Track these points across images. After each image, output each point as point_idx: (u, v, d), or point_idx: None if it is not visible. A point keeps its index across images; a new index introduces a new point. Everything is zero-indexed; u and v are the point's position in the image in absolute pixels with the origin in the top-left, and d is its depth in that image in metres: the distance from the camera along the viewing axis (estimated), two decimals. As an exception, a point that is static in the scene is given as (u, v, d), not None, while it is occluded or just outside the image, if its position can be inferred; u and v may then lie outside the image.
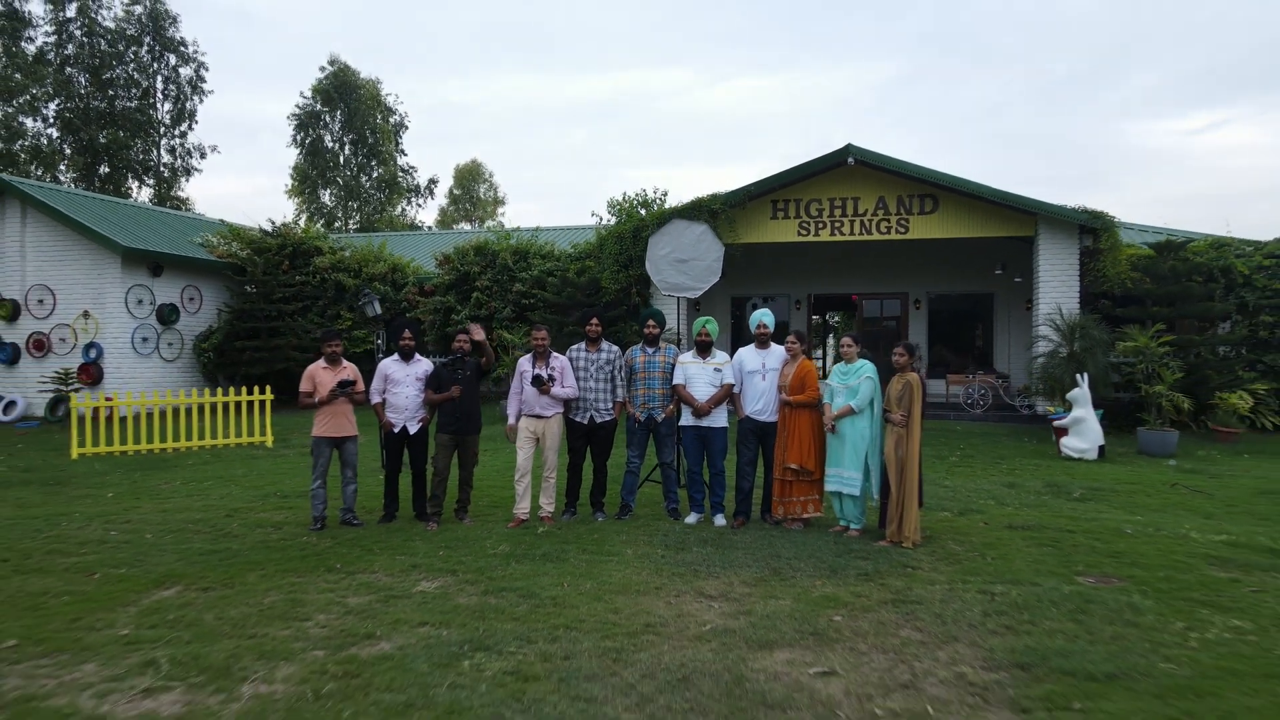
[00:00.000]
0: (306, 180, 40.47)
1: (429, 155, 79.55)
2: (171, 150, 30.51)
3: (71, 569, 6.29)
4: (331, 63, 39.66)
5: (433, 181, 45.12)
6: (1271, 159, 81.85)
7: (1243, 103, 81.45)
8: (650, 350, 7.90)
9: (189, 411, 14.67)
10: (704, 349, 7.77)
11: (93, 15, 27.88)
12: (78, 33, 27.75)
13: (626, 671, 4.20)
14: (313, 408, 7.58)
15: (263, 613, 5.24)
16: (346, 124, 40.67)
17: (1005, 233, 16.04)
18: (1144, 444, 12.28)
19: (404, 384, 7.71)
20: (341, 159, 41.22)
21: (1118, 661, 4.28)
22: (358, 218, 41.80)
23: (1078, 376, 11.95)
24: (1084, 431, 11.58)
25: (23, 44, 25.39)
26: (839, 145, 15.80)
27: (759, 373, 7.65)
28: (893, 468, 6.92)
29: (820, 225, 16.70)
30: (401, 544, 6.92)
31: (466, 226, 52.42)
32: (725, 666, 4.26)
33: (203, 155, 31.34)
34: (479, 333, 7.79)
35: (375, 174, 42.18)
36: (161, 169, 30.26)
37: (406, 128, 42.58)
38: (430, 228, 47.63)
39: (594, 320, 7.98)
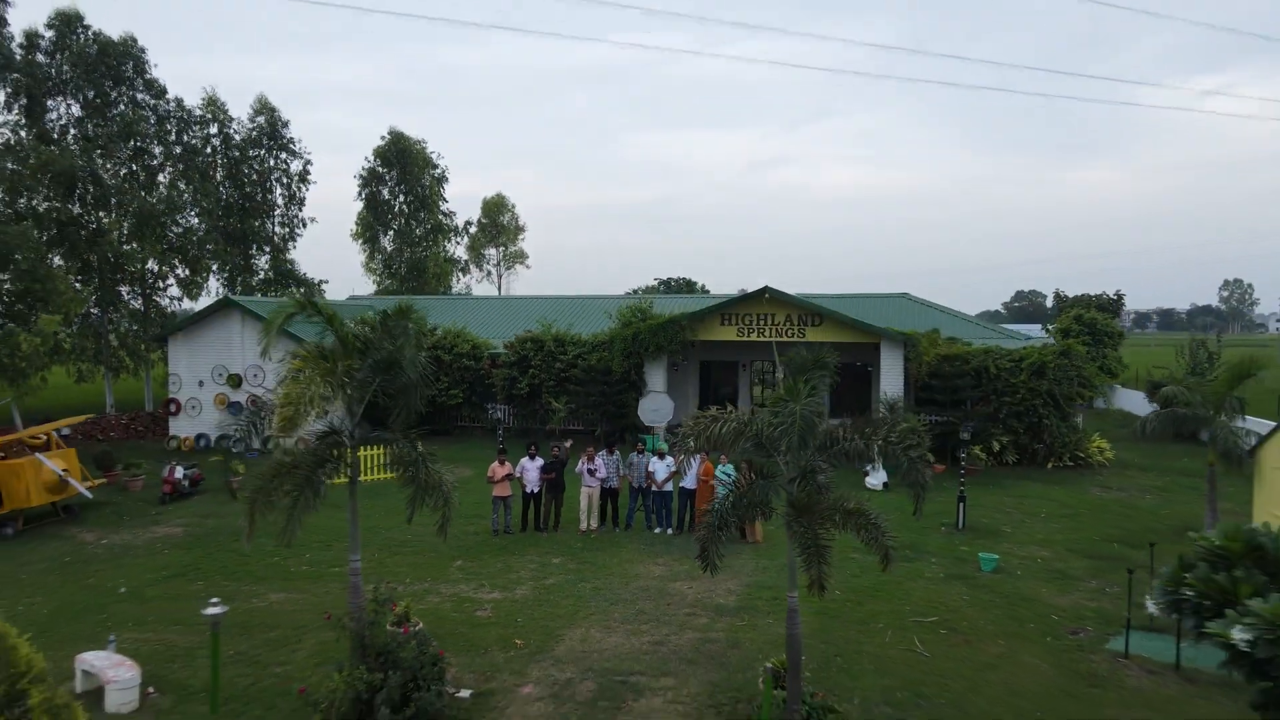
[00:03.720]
0: (369, 227, 49.96)
1: (431, 130, 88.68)
2: (283, 224, 40.09)
3: (413, 551, 16.11)
4: (390, 132, 49.08)
5: (468, 223, 54.71)
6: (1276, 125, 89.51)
7: (1245, 67, 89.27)
8: (639, 456, 17.70)
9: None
10: (661, 456, 17.57)
11: (228, 131, 37.35)
12: (217, 143, 37.23)
13: (629, 587, 14.05)
14: (492, 483, 17.36)
15: (500, 570, 15.09)
16: (400, 180, 50.05)
17: (864, 340, 25.78)
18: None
19: (531, 470, 17.50)
20: (396, 208, 50.62)
21: (784, 583, 14.13)
22: (408, 254, 51.08)
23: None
24: (875, 473, 21.41)
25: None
26: (758, 285, 25.49)
27: (691, 466, 17.45)
28: (738, 511, 16.75)
29: (751, 330, 26.43)
30: (535, 543, 16.77)
31: (493, 253, 61.98)
32: (659, 586, 14.11)
33: (304, 225, 40.92)
34: (566, 446, 17.68)
35: (422, 216, 51.50)
36: (275, 239, 39.82)
37: (447, 180, 51.90)
38: (466, 261, 57.03)
39: (613, 445, 17.83)
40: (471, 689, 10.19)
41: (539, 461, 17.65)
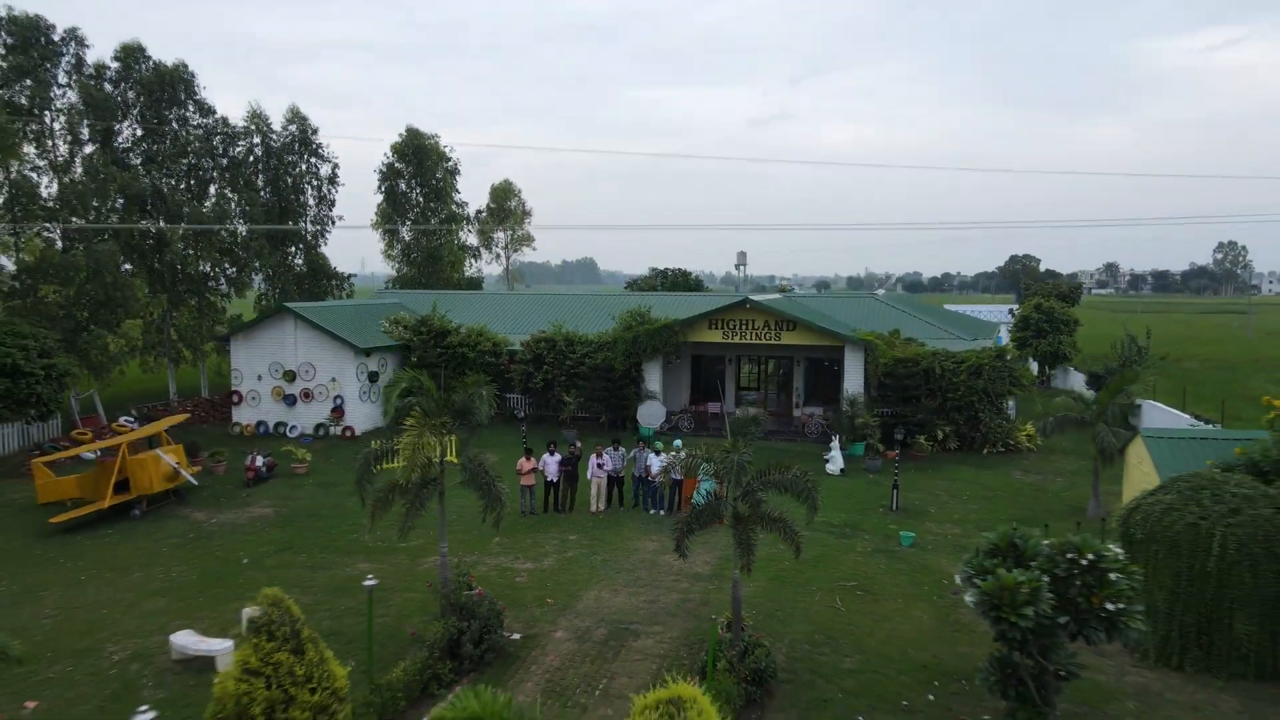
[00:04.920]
0: (389, 219, 53.90)
1: (428, 82, 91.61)
2: (314, 223, 44.11)
3: (460, 530, 20.54)
4: (408, 129, 52.82)
5: (479, 212, 58.51)
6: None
7: (1255, 20, 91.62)
8: (641, 452, 22.07)
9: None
10: (657, 452, 21.94)
11: (269, 142, 41.24)
12: (259, 152, 41.16)
13: (630, 559, 18.51)
14: (520, 475, 21.75)
15: (530, 545, 19.55)
16: (416, 174, 53.86)
17: (830, 343, 30.05)
18: (866, 465, 26.53)
19: (551, 464, 21.88)
20: (413, 199, 54.48)
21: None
22: (424, 241, 54.98)
23: (833, 436, 26.12)
24: (834, 460, 25.80)
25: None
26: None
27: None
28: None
29: (734, 333, 30.68)
30: (556, 523, 21.21)
31: (501, 235, 65.94)
32: (652, 559, 18.56)
33: (332, 223, 44.98)
34: (578, 445, 22.08)
35: (433, 205, 55.34)
36: (308, 237, 43.87)
37: (459, 173, 55.70)
38: (477, 247, 61.05)
39: (614, 443, 22.22)
40: (520, 633, 14.67)
41: (558, 457, 22.04)
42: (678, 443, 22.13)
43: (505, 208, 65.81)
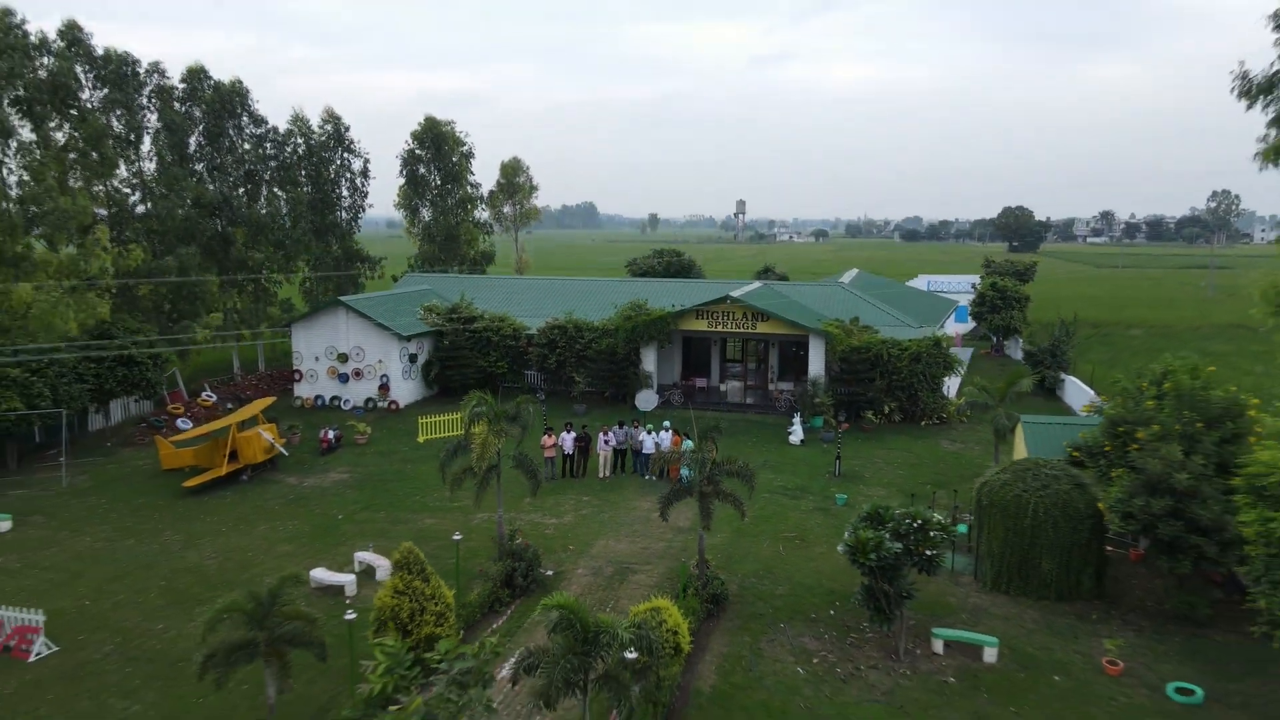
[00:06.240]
0: (410, 200, 59.21)
1: (419, 18, 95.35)
2: (348, 213, 49.55)
3: (504, 495, 26.59)
4: (427, 119, 57.81)
5: (491, 192, 63.74)
6: None
7: None
8: (635, 430, 28.03)
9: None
10: (649, 431, 27.90)
11: (309, 141, 46.46)
12: (300, 150, 46.40)
13: (630, 516, 24.56)
14: (544, 449, 27.72)
15: (552, 505, 25.60)
16: (434, 159, 59.00)
17: (798, 333, 35.84)
18: (822, 436, 32.52)
19: (568, 440, 27.84)
20: (432, 183, 59.71)
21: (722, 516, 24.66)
22: (442, 220, 60.32)
23: (795, 414, 32.07)
24: (795, 432, 31.79)
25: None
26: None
27: (668, 440, 27.82)
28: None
29: (718, 322, 36.45)
30: (572, 487, 27.24)
31: (508, 210, 71.17)
32: (646, 516, 24.59)
33: (363, 211, 50.37)
34: (582, 428, 28.08)
35: (449, 187, 60.60)
36: (342, 225, 49.35)
37: (474, 156, 60.80)
38: (489, 223, 66.33)
39: (620, 424, 28.21)
40: (552, 570, 20.75)
41: (573, 434, 28.02)
42: (667, 424, 28.12)
43: (514, 183, 70.88)
